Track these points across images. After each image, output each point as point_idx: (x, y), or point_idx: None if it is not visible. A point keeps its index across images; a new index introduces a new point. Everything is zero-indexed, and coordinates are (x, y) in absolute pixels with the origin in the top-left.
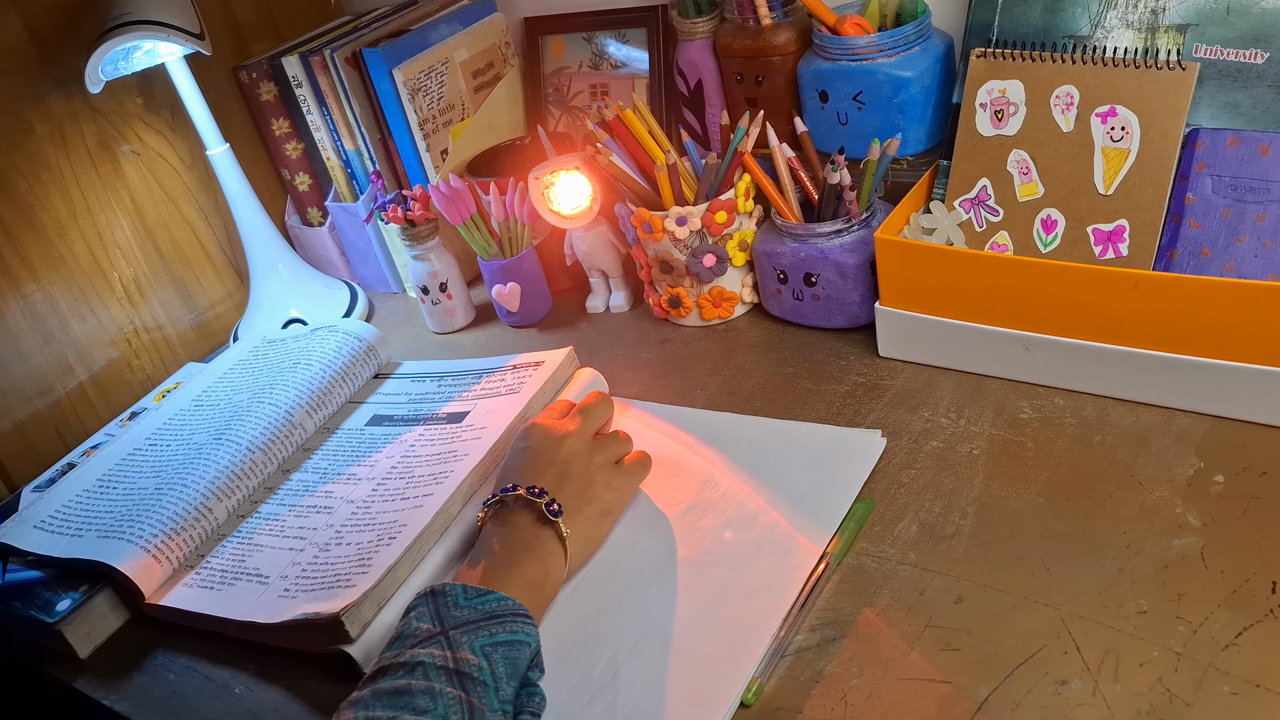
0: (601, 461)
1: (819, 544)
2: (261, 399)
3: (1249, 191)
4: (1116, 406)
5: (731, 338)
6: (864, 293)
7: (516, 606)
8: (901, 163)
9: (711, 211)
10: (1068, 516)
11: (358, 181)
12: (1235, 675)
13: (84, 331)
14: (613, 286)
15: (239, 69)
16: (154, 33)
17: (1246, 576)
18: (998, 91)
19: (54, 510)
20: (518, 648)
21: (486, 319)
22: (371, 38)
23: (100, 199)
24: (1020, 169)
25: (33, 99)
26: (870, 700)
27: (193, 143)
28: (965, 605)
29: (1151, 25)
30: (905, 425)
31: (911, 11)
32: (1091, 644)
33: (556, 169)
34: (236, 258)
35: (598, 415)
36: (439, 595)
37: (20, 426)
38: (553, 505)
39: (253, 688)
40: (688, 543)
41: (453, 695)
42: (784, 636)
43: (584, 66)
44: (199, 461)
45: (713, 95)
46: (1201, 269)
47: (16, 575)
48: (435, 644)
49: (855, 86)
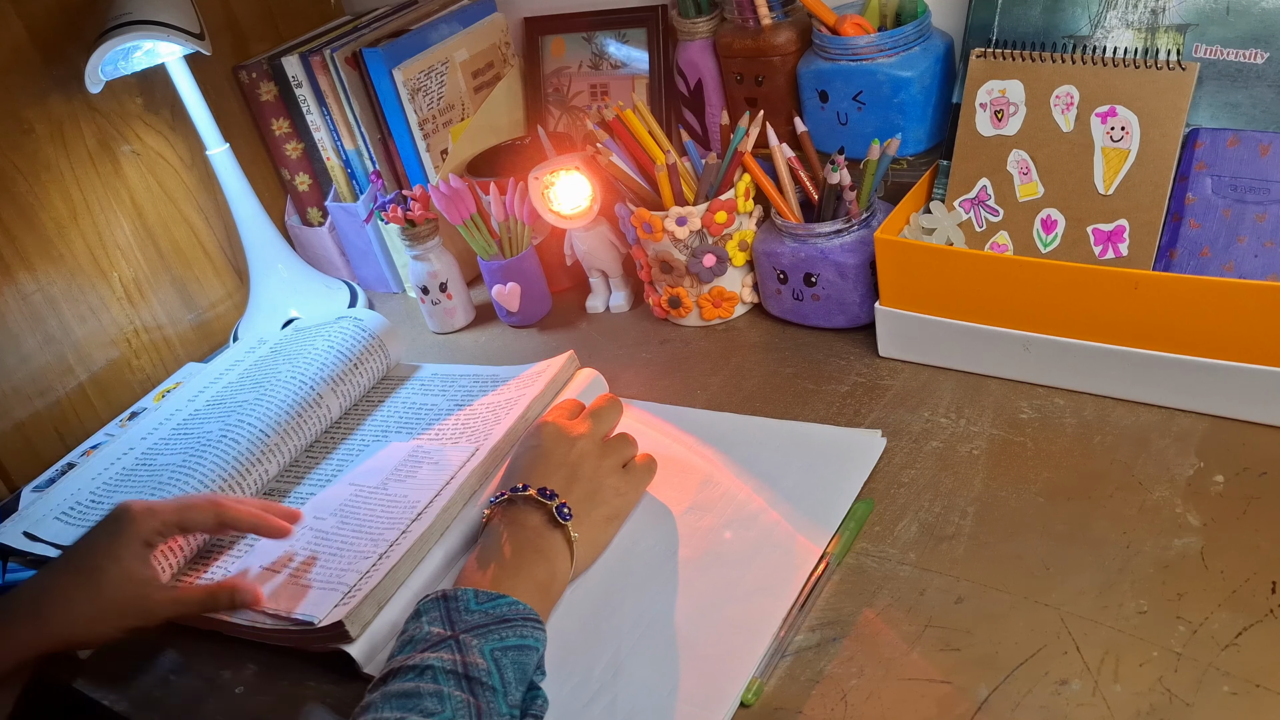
0: (610, 465)
1: (819, 544)
2: (265, 393)
3: (1249, 191)
4: (1116, 406)
5: (731, 338)
6: (864, 293)
7: (527, 611)
8: (901, 163)
9: (711, 211)
10: (1068, 516)
11: (358, 181)
12: (1235, 675)
13: (84, 331)
14: (613, 286)
15: (239, 69)
16: (154, 33)
17: (1246, 576)
18: (998, 91)
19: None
20: (526, 652)
21: (486, 319)
22: (371, 38)
23: (100, 199)
24: (1020, 169)
25: (33, 99)
26: (870, 700)
27: (193, 143)
28: (965, 605)
29: (1151, 25)
30: (905, 425)
31: (911, 11)
32: (1091, 644)
33: (556, 169)
34: (236, 258)
35: (608, 418)
36: (450, 599)
37: (20, 426)
38: (563, 508)
39: (253, 688)
40: (688, 543)
41: (461, 699)
42: (784, 636)
43: (584, 66)
44: (201, 458)
45: (713, 95)
46: (1201, 269)
47: (17, 575)
48: (445, 647)
49: (855, 86)
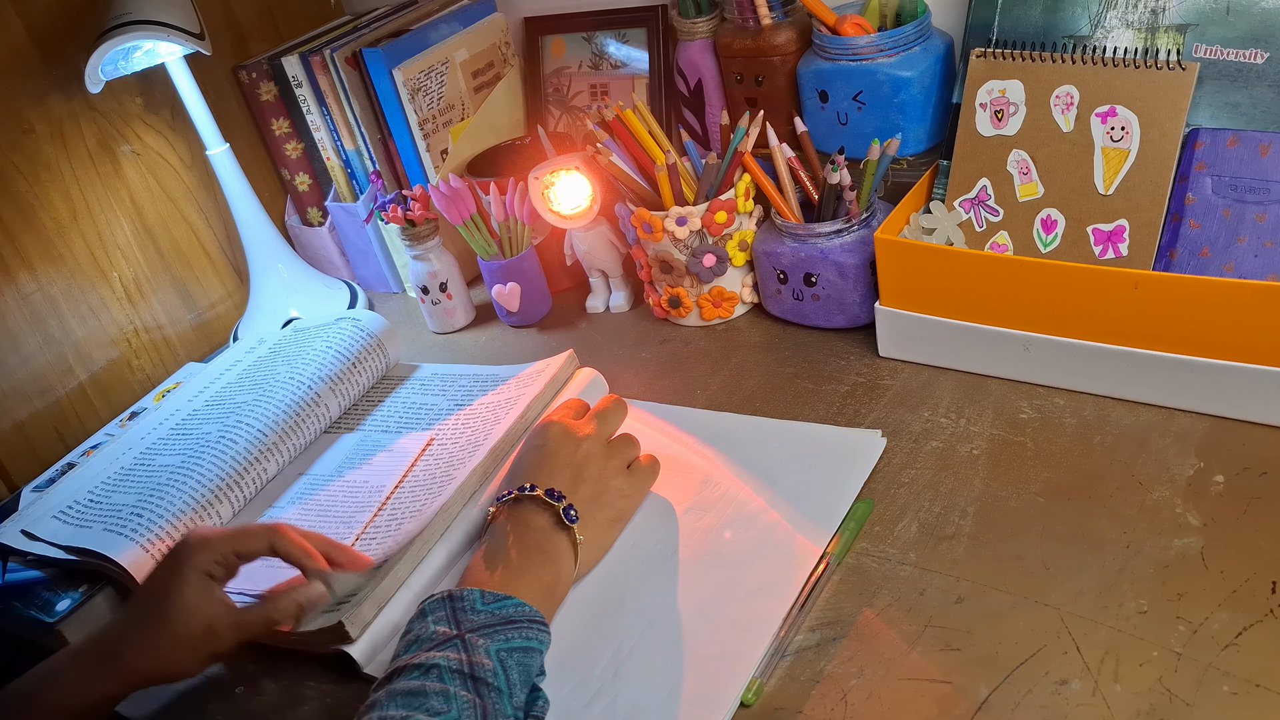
0: (615, 467)
1: (819, 544)
2: (264, 394)
3: (1249, 191)
4: (1116, 406)
5: (731, 338)
6: (864, 293)
7: (533, 613)
8: (901, 163)
9: (711, 211)
10: (1068, 516)
11: (358, 181)
12: (1235, 675)
13: (84, 331)
14: (613, 286)
15: (239, 69)
16: (154, 33)
17: (1246, 576)
18: (998, 91)
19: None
20: (531, 654)
21: (486, 319)
22: (371, 38)
23: (100, 199)
24: (1020, 169)
25: (33, 99)
26: (870, 700)
27: (193, 143)
28: (965, 605)
29: (1151, 25)
30: (905, 425)
31: (911, 11)
32: (1091, 644)
33: (556, 169)
34: (236, 258)
35: (613, 419)
36: (456, 599)
37: (20, 426)
38: (570, 510)
39: (253, 688)
40: (688, 543)
41: (467, 699)
42: (784, 636)
43: (584, 66)
44: (199, 459)
45: (713, 95)
46: (1201, 269)
47: (16, 575)
48: (451, 647)
49: (855, 86)
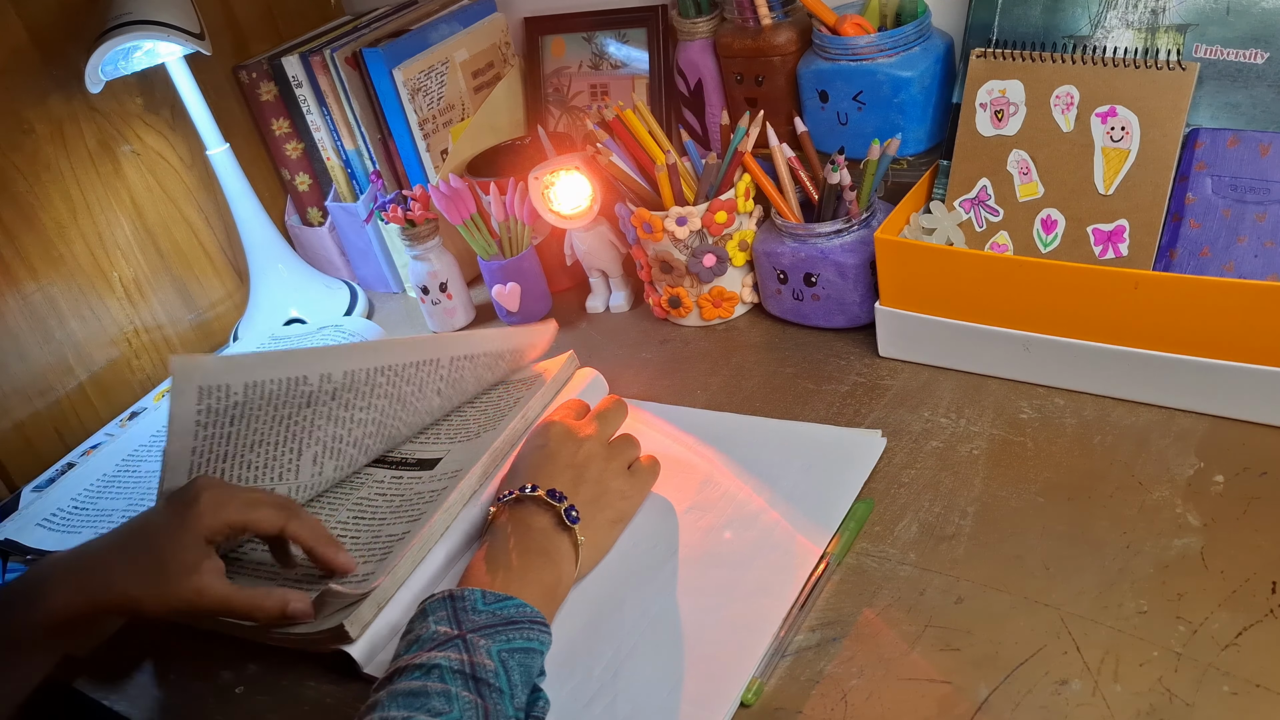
0: (616, 468)
1: (819, 544)
2: None
3: (1249, 191)
4: (1116, 406)
5: (731, 338)
6: (864, 293)
7: (534, 614)
8: (901, 163)
9: (711, 211)
10: (1068, 516)
11: (358, 181)
12: (1235, 675)
13: (84, 331)
14: (613, 286)
15: (239, 69)
16: (154, 33)
17: (1246, 576)
18: (998, 91)
19: (57, 507)
20: (532, 655)
21: (486, 319)
22: (371, 38)
23: (100, 199)
24: (1020, 169)
25: (33, 99)
26: (870, 700)
27: (193, 143)
28: (965, 605)
29: (1151, 25)
30: (905, 425)
31: (911, 11)
32: (1091, 644)
33: (556, 169)
34: (236, 258)
35: (614, 420)
36: (457, 599)
37: (20, 426)
38: (572, 511)
39: (253, 688)
40: (688, 543)
41: (469, 699)
42: (784, 636)
43: (584, 66)
44: None
45: (713, 95)
46: (1201, 269)
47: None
48: (452, 647)
49: (855, 86)
